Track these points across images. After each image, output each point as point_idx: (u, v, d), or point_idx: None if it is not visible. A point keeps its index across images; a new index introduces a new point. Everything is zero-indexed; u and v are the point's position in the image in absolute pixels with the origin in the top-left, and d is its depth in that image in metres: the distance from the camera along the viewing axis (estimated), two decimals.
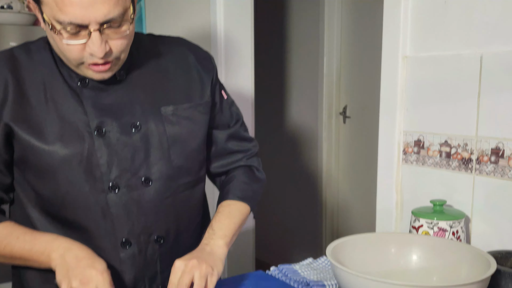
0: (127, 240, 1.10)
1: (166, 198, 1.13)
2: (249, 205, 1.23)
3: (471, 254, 1.11)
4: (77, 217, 1.09)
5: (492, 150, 1.27)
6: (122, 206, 1.08)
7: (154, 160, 1.11)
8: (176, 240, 1.18)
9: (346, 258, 1.12)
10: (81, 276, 0.95)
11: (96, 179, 1.06)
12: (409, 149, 1.47)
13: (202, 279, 1.00)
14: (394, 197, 1.52)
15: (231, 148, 1.28)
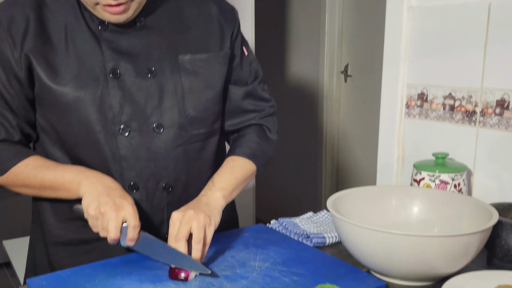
0: (134, 184, 1.11)
1: (177, 146, 1.13)
2: (255, 163, 1.21)
3: (473, 205, 1.11)
4: (88, 157, 1.10)
5: (497, 102, 1.25)
6: (132, 150, 1.09)
7: (167, 107, 1.10)
8: (185, 190, 1.18)
9: (347, 210, 1.11)
10: (112, 203, 0.97)
11: (108, 120, 1.07)
12: (412, 102, 1.45)
13: (200, 230, 0.99)
14: (396, 152, 1.50)
15: (246, 107, 1.25)
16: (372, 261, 0.99)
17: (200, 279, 0.98)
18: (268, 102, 1.29)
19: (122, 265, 1.03)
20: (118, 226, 0.97)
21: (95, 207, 0.98)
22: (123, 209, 0.97)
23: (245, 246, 1.15)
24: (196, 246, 0.98)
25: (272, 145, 1.27)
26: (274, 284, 0.96)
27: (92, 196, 1.00)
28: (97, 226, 0.99)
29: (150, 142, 1.10)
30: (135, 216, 0.98)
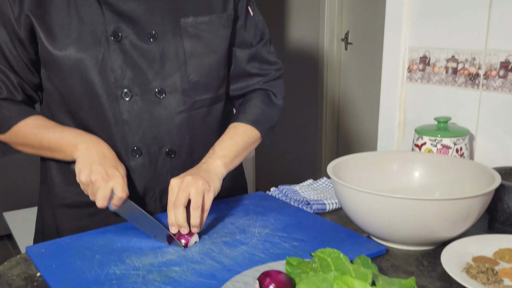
0: (137, 149, 1.11)
1: (180, 112, 1.12)
2: (259, 130, 1.19)
3: (475, 170, 1.09)
4: (92, 121, 1.10)
5: (501, 63, 1.22)
6: (135, 114, 1.08)
7: (169, 72, 1.09)
8: (189, 157, 1.17)
9: (347, 176, 1.10)
10: (103, 172, 0.98)
11: (110, 84, 1.06)
12: (414, 66, 1.42)
13: (198, 196, 0.98)
14: (397, 117, 1.48)
15: (250, 70, 1.22)
16: (372, 226, 0.99)
17: (199, 246, 0.98)
18: (274, 65, 1.25)
19: (122, 233, 1.03)
20: (106, 196, 0.97)
21: (87, 174, 0.98)
22: (113, 179, 0.98)
23: (245, 213, 1.14)
24: (194, 212, 0.98)
25: (278, 111, 1.24)
26: (274, 249, 0.96)
27: (84, 162, 1.00)
28: (87, 191, 1.01)
29: (152, 108, 1.09)
30: (123, 187, 0.98)
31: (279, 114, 1.25)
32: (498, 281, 0.86)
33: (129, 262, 0.90)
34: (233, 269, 0.88)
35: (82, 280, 0.84)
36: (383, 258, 0.97)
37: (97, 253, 0.94)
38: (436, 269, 0.93)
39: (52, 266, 0.89)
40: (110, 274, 0.86)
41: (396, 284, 0.76)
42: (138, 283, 0.83)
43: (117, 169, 1.00)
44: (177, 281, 0.84)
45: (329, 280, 0.76)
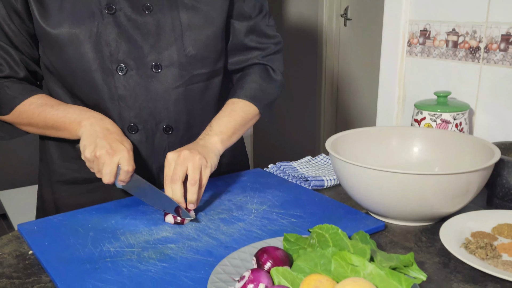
0: (134, 125, 1.09)
1: (177, 87, 1.09)
2: (257, 105, 1.16)
3: (475, 144, 1.08)
4: (87, 96, 1.08)
5: (502, 36, 1.20)
6: (130, 89, 1.06)
7: (164, 45, 1.07)
8: (187, 133, 1.15)
9: (346, 152, 1.08)
10: (108, 147, 0.96)
11: (105, 58, 1.04)
12: (414, 40, 1.39)
13: (196, 171, 0.97)
14: (397, 92, 1.46)
15: (248, 43, 1.19)
16: (371, 201, 0.97)
17: (195, 222, 0.97)
18: (273, 39, 1.22)
19: (116, 210, 1.02)
20: (112, 171, 0.95)
21: (91, 150, 0.96)
22: (118, 153, 0.95)
23: (242, 190, 1.13)
24: (191, 188, 0.96)
25: (277, 86, 1.22)
26: (272, 226, 0.95)
27: (89, 139, 0.98)
28: (93, 168, 0.98)
29: (148, 82, 1.07)
30: (130, 161, 0.96)
31: (278, 90, 1.22)
32: (497, 256, 0.86)
33: (123, 239, 0.89)
34: (230, 246, 0.87)
35: (76, 257, 0.83)
36: (381, 234, 0.96)
37: (91, 230, 0.92)
38: (435, 244, 0.92)
39: (44, 243, 0.87)
40: (104, 251, 0.85)
41: (395, 259, 0.74)
42: (133, 261, 0.82)
43: (122, 143, 0.98)
44: (173, 258, 0.83)
45: (327, 256, 0.75)
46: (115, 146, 0.96)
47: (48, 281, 0.79)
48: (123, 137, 1.01)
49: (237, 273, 0.76)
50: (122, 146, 0.97)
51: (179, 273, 0.78)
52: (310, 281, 0.68)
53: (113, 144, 0.96)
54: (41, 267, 0.83)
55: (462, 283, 0.79)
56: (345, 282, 0.66)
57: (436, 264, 0.85)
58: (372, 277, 0.70)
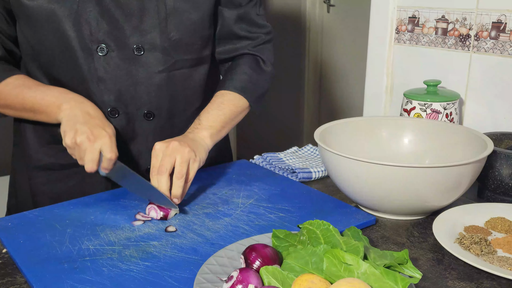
0: (114, 109, 1.05)
1: (159, 72, 1.05)
2: (247, 98, 1.12)
3: (466, 135, 1.05)
4: (67, 77, 1.03)
5: (493, 24, 1.17)
6: (110, 71, 1.02)
7: (147, 28, 1.02)
8: (169, 120, 1.11)
9: (334, 142, 1.05)
10: (89, 132, 0.91)
11: (85, 37, 0.99)
12: (403, 27, 1.36)
13: (183, 164, 0.93)
14: (385, 81, 1.43)
15: (238, 32, 1.15)
16: (361, 195, 0.94)
17: (180, 218, 0.92)
18: (263, 29, 1.18)
19: (95, 204, 0.97)
20: (94, 158, 0.90)
21: (72, 136, 0.91)
22: (100, 139, 0.91)
23: (227, 182, 1.09)
24: (177, 182, 0.92)
25: (267, 78, 1.18)
26: (259, 221, 0.91)
27: (69, 124, 0.93)
28: (74, 155, 0.94)
29: (130, 65, 1.03)
30: (112, 147, 0.92)
31: (268, 82, 1.19)
32: (492, 252, 0.84)
33: (103, 236, 0.84)
34: (216, 243, 0.83)
35: (52, 256, 0.78)
36: (372, 229, 0.93)
37: (69, 226, 0.87)
38: (427, 239, 0.89)
39: (19, 241, 0.82)
40: (83, 249, 0.80)
41: (389, 257, 0.72)
42: (113, 260, 0.77)
43: (104, 129, 0.93)
44: (156, 256, 0.78)
45: (319, 254, 0.72)
46: (96, 132, 0.91)
47: (23, 282, 0.74)
48: (105, 122, 0.96)
49: (224, 272, 0.72)
50: (104, 132, 0.92)
51: (163, 272, 0.74)
52: (302, 281, 0.65)
53: (94, 130, 0.92)
54: (15, 267, 0.78)
55: (458, 280, 0.77)
56: (339, 283, 0.62)
57: (430, 260, 0.83)
58: (367, 277, 0.67)
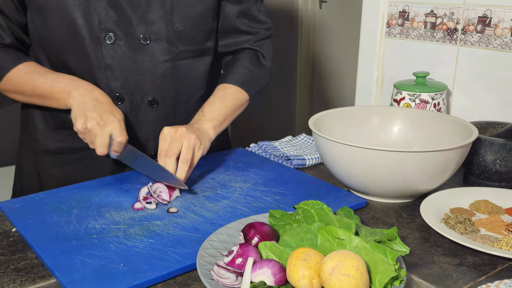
0: (120, 96, 1.09)
1: (164, 61, 1.10)
2: (247, 92, 1.17)
3: (453, 124, 1.10)
4: (75, 64, 1.07)
5: (479, 18, 1.22)
6: (118, 59, 1.06)
7: (153, 18, 1.07)
8: (172, 109, 1.15)
9: (327, 131, 1.10)
10: (98, 118, 0.95)
11: (94, 26, 1.03)
12: (393, 21, 1.41)
13: (189, 150, 0.97)
14: (375, 73, 1.48)
15: (239, 27, 1.20)
16: (352, 179, 0.99)
17: (181, 200, 0.97)
18: (263, 24, 1.23)
19: (99, 188, 1.01)
20: (105, 142, 0.94)
21: (82, 122, 0.95)
22: (110, 124, 0.95)
23: (225, 168, 1.13)
24: (182, 166, 0.97)
25: (266, 73, 1.23)
26: (256, 203, 0.96)
27: (79, 110, 0.97)
28: (85, 139, 0.98)
29: (136, 54, 1.07)
30: (121, 131, 0.95)
31: (267, 77, 1.24)
32: (475, 230, 0.89)
33: (108, 216, 0.89)
34: (216, 223, 0.87)
35: (61, 234, 0.82)
36: (363, 211, 0.98)
37: (75, 208, 0.92)
38: (415, 220, 0.94)
39: (28, 221, 0.86)
40: (90, 228, 0.84)
41: (379, 233, 0.76)
42: (119, 237, 0.81)
43: (113, 114, 0.97)
44: (159, 234, 0.83)
45: (313, 230, 0.76)
46: (106, 117, 0.95)
47: (34, 257, 0.79)
48: (114, 107, 1.00)
49: (224, 248, 0.77)
50: (113, 117, 0.96)
51: (167, 248, 0.78)
52: (299, 254, 0.69)
53: (103, 116, 0.95)
54: (25, 244, 0.82)
55: (443, 256, 0.82)
56: (333, 254, 0.67)
57: (417, 239, 0.88)
58: (358, 250, 0.72)
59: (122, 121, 0.97)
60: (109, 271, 0.72)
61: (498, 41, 1.20)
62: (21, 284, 0.72)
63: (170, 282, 0.73)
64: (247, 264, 0.69)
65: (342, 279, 0.64)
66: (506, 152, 1.05)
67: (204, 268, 0.70)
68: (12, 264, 0.77)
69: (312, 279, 0.66)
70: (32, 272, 0.75)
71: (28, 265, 0.77)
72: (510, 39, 1.18)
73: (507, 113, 1.23)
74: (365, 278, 0.65)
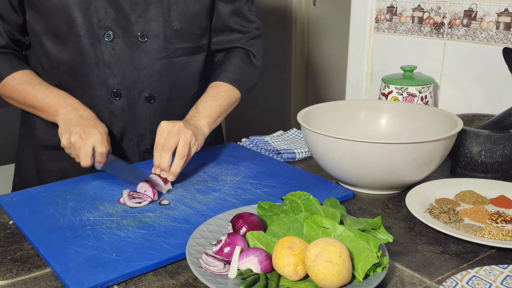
0: (117, 92, 1.12)
1: (161, 58, 1.13)
2: (240, 90, 1.21)
3: (439, 116, 1.13)
4: (74, 61, 1.10)
5: (464, 12, 1.25)
6: (116, 56, 1.09)
7: (151, 16, 1.10)
8: (168, 104, 1.18)
9: (316, 124, 1.12)
10: (81, 132, 1.00)
11: (93, 24, 1.06)
12: (382, 16, 1.43)
13: (186, 145, 1.01)
14: (365, 68, 1.50)
15: (231, 25, 1.23)
16: (340, 171, 1.01)
17: (172, 193, 0.99)
18: (254, 24, 1.26)
19: (94, 182, 1.03)
20: (88, 154, 0.99)
21: (66, 137, 1.00)
22: (91, 137, 0.99)
23: (216, 162, 1.16)
24: (178, 161, 1.00)
25: (257, 72, 1.26)
26: (246, 195, 0.98)
27: (64, 127, 1.02)
28: (71, 154, 1.02)
29: (134, 51, 1.10)
30: (103, 142, 1.00)
31: (258, 75, 1.27)
32: (459, 220, 0.91)
33: (102, 209, 0.91)
34: (206, 214, 0.90)
35: (56, 226, 0.85)
36: (350, 202, 1.00)
37: (70, 201, 0.94)
38: (401, 211, 0.97)
39: (24, 214, 0.89)
40: (84, 220, 0.87)
41: (363, 223, 0.79)
42: (112, 228, 0.84)
43: (95, 127, 1.02)
44: (151, 225, 0.85)
45: (300, 220, 0.79)
46: (88, 130, 1.00)
47: (30, 248, 0.81)
48: (97, 122, 1.05)
49: (213, 238, 0.79)
50: (95, 130, 1.01)
51: (158, 239, 0.81)
52: (284, 242, 0.71)
53: (86, 129, 1.00)
54: (22, 236, 0.85)
55: (427, 245, 0.84)
56: (317, 242, 0.70)
57: (402, 228, 0.90)
58: (342, 238, 0.74)
59: (104, 134, 1.02)
60: (102, 260, 0.74)
61: (483, 35, 1.23)
62: (17, 274, 0.75)
63: (161, 270, 0.76)
64: (234, 252, 0.72)
65: (325, 265, 0.66)
66: (491, 144, 1.08)
67: (193, 256, 0.73)
68: (9, 254, 0.80)
69: (296, 266, 0.69)
70: (28, 262, 0.78)
71: (24, 255, 0.79)
72: (495, 32, 1.21)
73: (493, 105, 1.25)
74: (347, 265, 0.68)
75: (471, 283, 0.71)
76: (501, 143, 1.07)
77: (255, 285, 0.68)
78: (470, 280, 0.72)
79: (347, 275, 0.68)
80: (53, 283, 0.73)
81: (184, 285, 0.72)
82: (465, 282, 0.72)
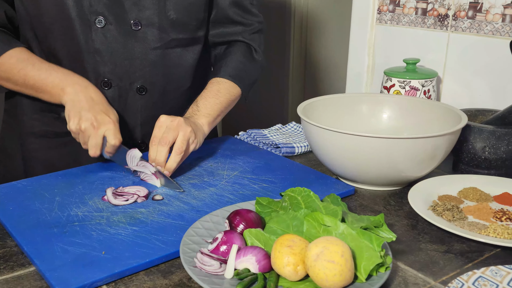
0: (107, 81, 1.07)
1: (155, 48, 1.08)
2: (240, 86, 1.16)
3: (442, 111, 1.09)
4: (63, 46, 1.05)
5: (470, 4, 1.21)
6: (107, 43, 1.04)
7: (146, 4, 1.05)
8: (161, 97, 1.14)
9: (316, 118, 1.08)
10: (93, 119, 0.94)
11: (84, 9, 1.01)
12: (384, 7, 1.39)
13: (184, 141, 0.96)
14: (366, 61, 1.46)
15: (232, 16, 1.19)
16: (341, 166, 0.98)
17: (167, 188, 0.95)
18: (256, 17, 1.22)
19: (83, 175, 0.99)
20: (98, 143, 0.94)
21: (76, 122, 0.94)
22: (104, 126, 0.94)
23: (213, 156, 1.12)
24: (175, 156, 0.96)
25: (258, 67, 1.22)
26: (244, 191, 0.94)
27: (73, 109, 0.96)
28: (78, 139, 0.97)
29: (126, 39, 1.06)
30: (116, 134, 0.95)
31: (259, 71, 1.23)
32: (463, 218, 0.88)
33: (91, 204, 0.87)
34: (201, 210, 0.86)
35: (42, 221, 0.80)
36: (351, 198, 0.97)
37: (57, 195, 0.90)
38: (403, 208, 0.93)
39: (8, 208, 0.85)
40: (72, 216, 0.83)
41: (365, 220, 0.75)
42: (102, 225, 0.80)
43: (107, 115, 0.96)
44: (143, 222, 0.81)
45: (300, 217, 0.75)
46: (100, 118, 0.95)
47: (14, 245, 0.77)
48: (109, 108, 0.99)
49: (209, 235, 0.76)
50: (108, 118, 0.95)
51: (150, 236, 0.77)
52: (283, 240, 0.68)
53: (98, 116, 0.95)
54: (5, 232, 0.81)
55: (430, 243, 0.81)
56: (318, 240, 0.66)
57: (405, 226, 0.87)
58: (344, 237, 0.71)
59: (116, 123, 0.97)
60: (90, 258, 0.70)
61: (489, 27, 1.19)
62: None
63: (153, 269, 0.72)
64: (231, 251, 0.68)
65: (326, 265, 0.63)
66: (495, 140, 1.04)
67: (188, 255, 0.69)
68: None
69: (297, 265, 0.66)
70: (11, 260, 0.73)
71: (7, 253, 0.75)
72: (501, 25, 1.17)
73: (498, 100, 1.22)
74: (350, 264, 0.64)
75: (477, 284, 0.69)
76: (506, 139, 1.04)
77: (253, 286, 0.65)
78: (476, 281, 0.69)
79: (349, 276, 0.64)
80: (37, 282, 0.68)
81: (177, 285, 0.69)
82: (471, 283, 0.69)
